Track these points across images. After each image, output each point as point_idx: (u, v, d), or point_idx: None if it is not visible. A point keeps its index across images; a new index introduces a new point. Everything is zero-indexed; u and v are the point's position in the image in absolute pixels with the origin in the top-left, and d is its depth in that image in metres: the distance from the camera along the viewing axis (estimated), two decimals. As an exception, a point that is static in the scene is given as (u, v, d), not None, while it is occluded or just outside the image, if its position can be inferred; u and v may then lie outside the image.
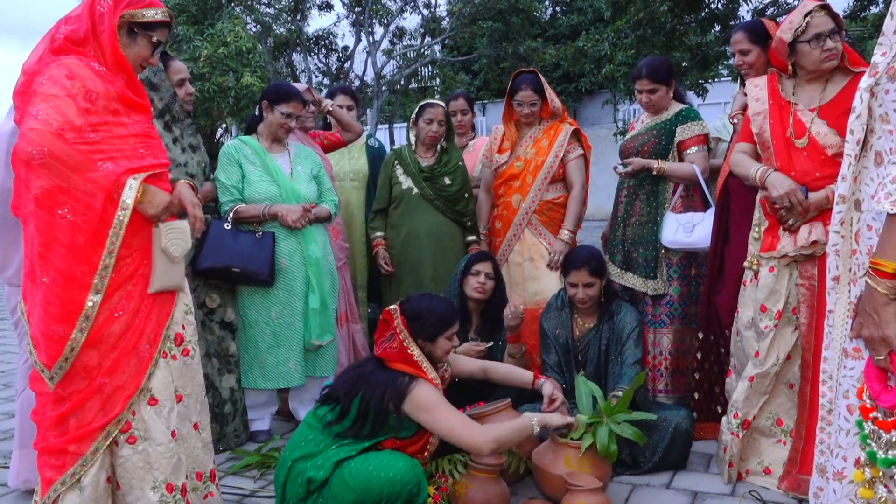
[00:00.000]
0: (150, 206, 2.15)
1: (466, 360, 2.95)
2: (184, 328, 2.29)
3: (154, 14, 2.19)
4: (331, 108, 3.98)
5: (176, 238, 2.22)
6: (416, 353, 2.55)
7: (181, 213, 2.31)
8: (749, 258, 2.83)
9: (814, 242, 2.61)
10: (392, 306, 2.65)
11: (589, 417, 2.67)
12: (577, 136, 3.76)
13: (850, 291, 1.72)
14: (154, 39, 2.22)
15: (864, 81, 1.66)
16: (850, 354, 1.70)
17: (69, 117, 1.98)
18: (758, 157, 2.82)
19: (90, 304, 2.04)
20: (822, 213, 2.59)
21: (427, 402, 2.46)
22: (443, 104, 3.88)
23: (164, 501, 2.16)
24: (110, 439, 2.11)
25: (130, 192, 2.07)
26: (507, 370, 2.96)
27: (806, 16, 2.59)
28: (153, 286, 2.19)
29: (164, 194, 2.18)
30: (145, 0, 2.17)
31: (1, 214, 2.63)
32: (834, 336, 1.76)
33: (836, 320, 1.75)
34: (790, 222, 2.66)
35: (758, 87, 2.82)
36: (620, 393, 2.84)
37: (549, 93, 3.74)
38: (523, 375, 2.91)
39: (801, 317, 2.69)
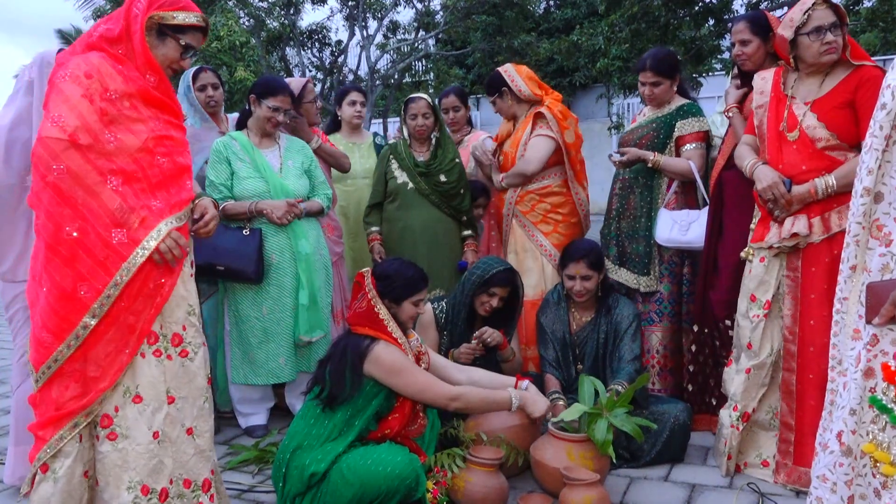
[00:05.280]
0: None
1: (454, 369, 2.85)
2: (184, 329, 2.23)
3: (184, 18, 2.22)
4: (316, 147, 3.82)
5: None
6: (382, 311, 2.59)
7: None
8: (746, 248, 2.84)
9: (794, 234, 2.63)
10: (365, 269, 2.69)
11: (589, 408, 2.66)
12: (545, 116, 3.60)
13: (861, 282, 1.76)
14: (182, 42, 2.25)
15: (895, 79, 1.69)
16: (853, 337, 1.75)
17: (85, 118, 2.04)
18: (759, 150, 2.83)
19: (83, 325, 2.04)
20: (807, 206, 2.62)
21: (393, 365, 2.50)
22: (426, 97, 3.85)
23: (137, 503, 2.10)
24: (77, 430, 2.08)
25: (157, 235, 2.09)
26: (490, 378, 2.86)
27: (807, 10, 2.59)
28: None
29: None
30: (178, 4, 2.21)
31: None
32: (847, 322, 1.79)
33: (850, 307, 1.78)
34: (776, 214, 2.70)
35: (764, 80, 2.83)
36: (620, 388, 2.85)
37: (515, 81, 3.67)
38: (504, 382, 2.84)
39: (784, 308, 2.72)
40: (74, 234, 2.03)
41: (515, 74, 3.72)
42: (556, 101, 3.69)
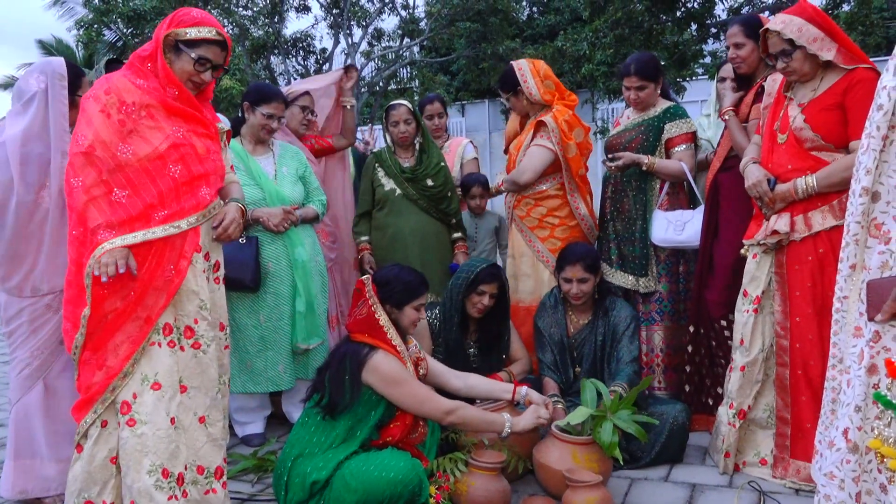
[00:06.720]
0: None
1: (451, 375, 2.85)
2: (196, 322, 2.35)
3: (196, 32, 2.33)
4: (348, 108, 4.07)
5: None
6: (382, 318, 2.61)
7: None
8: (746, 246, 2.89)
9: (775, 232, 2.67)
10: (365, 276, 2.72)
11: (594, 411, 2.68)
12: (547, 126, 3.54)
13: (861, 280, 1.79)
14: (193, 55, 2.34)
15: (890, 80, 1.73)
16: (855, 334, 1.78)
17: (98, 131, 2.23)
18: None
19: (84, 315, 2.23)
20: (791, 204, 2.67)
21: (391, 375, 2.52)
22: (405, 103, 3.86)
23: (158, 486, 2.21)
24: (97, 415, 2.24)
25: (98, 252, 2.19)
26: (489, 385, 2.89)
27: (763, 34, 2.68)
28: None
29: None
30: (192, 21, 2.34)
31: (9, 225, 2.59)
32: (847, 320, 1.83)
33: (851, 305, 1.81)
34: (763, 212, 2.75)
35: (774, 82, 2.88)
36: (620, 389, 2.86)
37: (527, 83, 3.61)
38: (503, 388, 2.88)
39: (774, 304, 2.76)
40: (76, 233, 2.24)
41: (529, 75, 3.62)
42: (566, 109, 3.60)
